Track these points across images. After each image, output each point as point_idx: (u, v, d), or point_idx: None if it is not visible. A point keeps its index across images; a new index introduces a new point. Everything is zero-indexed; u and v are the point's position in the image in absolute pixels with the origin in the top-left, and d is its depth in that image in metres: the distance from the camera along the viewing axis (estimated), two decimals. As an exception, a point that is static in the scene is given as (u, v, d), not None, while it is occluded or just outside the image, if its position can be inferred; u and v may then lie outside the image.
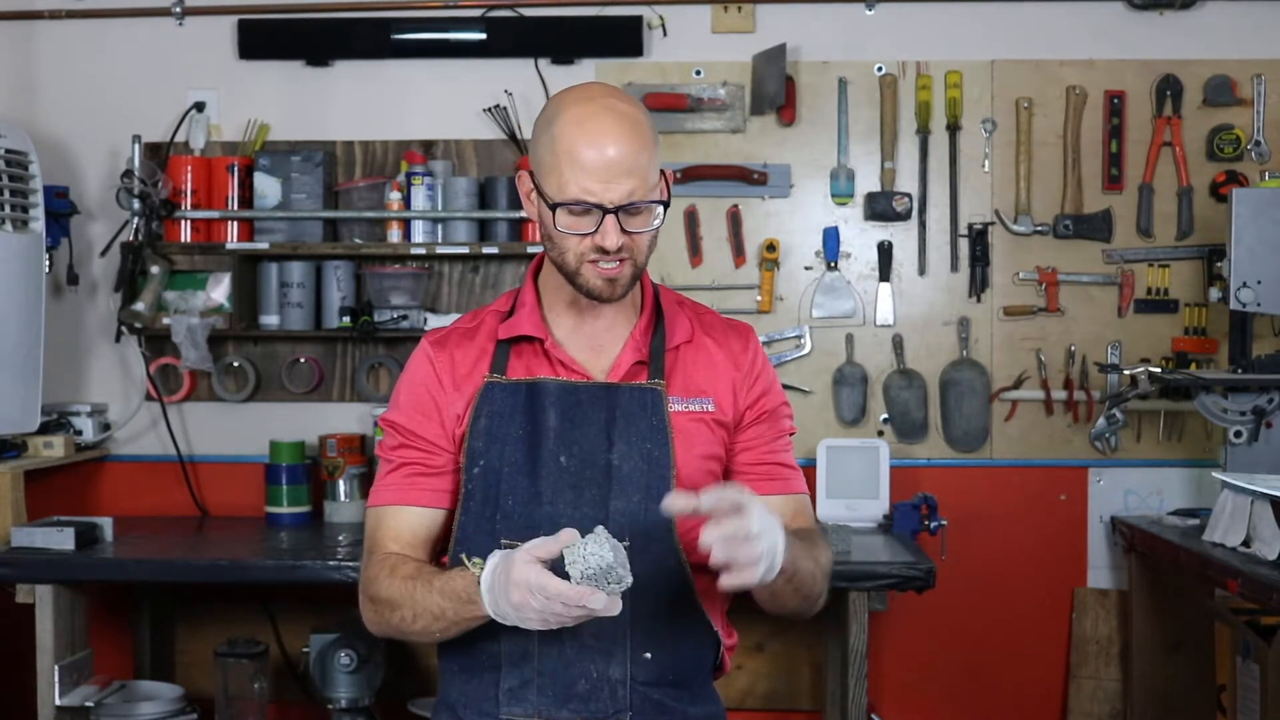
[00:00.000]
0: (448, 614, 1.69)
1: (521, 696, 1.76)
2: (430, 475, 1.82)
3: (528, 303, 1.85)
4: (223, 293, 3.71)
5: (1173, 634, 3.51)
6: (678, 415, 1.80)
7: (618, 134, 1.69)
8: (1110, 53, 3.68)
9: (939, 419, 3.72)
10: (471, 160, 3.77)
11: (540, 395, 1.79)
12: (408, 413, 1.83)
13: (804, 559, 1.73)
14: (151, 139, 3.74)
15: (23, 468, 3.39)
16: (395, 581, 1.74)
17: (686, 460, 1.79)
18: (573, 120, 1.70)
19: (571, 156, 1.69)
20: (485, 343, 1.85)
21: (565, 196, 1.69)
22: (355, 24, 3.74)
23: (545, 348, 1.82)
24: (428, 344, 1.86)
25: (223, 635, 3.58)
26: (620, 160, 1.68)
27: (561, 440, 1.78)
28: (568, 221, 1.71)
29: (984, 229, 3.69)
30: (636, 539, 1.74)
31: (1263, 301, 3.21)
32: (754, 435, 1.86)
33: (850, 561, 3.09)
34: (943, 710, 3.73)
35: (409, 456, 1.82)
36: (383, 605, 1.77)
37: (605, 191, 1.68)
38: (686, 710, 1.81)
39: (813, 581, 1.77)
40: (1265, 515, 2.93)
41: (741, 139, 3.73)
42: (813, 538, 1.82)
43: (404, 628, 1.75)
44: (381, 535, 1.82)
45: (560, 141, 1.70)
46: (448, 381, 1.82)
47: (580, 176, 1.68)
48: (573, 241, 1.72)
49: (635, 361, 1.82)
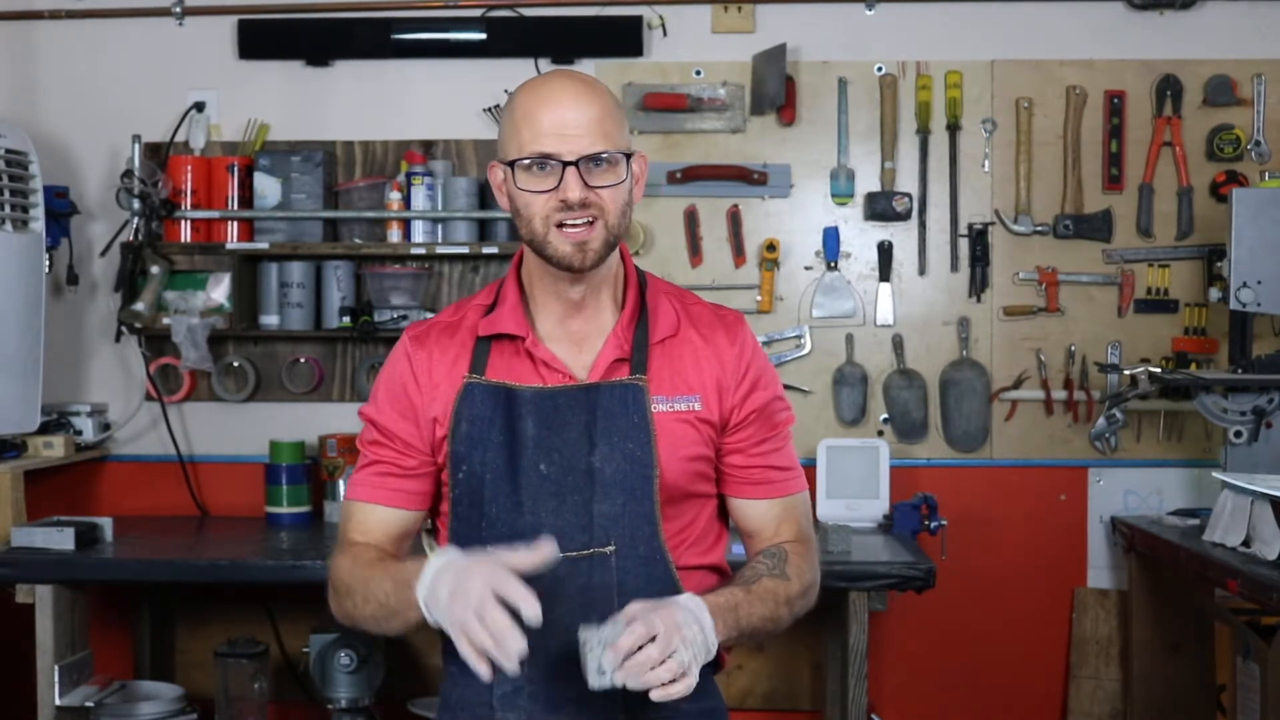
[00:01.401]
0: (390, 600, 1.67)
1: (514, 703, 1.75)
2: (402, 476, 1.81)
3: (509, 298, 1.82)
4: (223, 293, 3.71)
5: (1173, 634, 3.51)
6: (662, 415, 1.76)
7: (574, 93, 1.71)
8: (1110, 53, 3.68)
9: (939, 419, 3.72)
10: (471, 160, 3.77)
11: (516, 403, 1.76)
12: (384, 410, 1.82)
13: (757, 609, 1.71)
14: (151, 139, 3.74)
15: (23, 468, 3.39)
16: (356, 568, 1.75)
17: (671, 463, 1.76)
18: (529, 88, 1.75)
19: (527, 116, 1.70)
20: (466, 338, 1.82)
21: (524, 154, 1.69)
22: (355, 24, 3.75)
23: (526, 345, 1.79)
24: (408, 339, 1.84)
25: (223, 635, 3.58)
26: (576, 117, 1.69)
27: (540, 448, 1.75)
28: (528, 180, 1.70)
29: (984, 229, 3.69)
30: (622, 542, 1.73)
31: (1263, 301, 3.21)
32: (743, 437, 1.82)
33: (850, 561, 3.09)
34: (943, 710, 3.73)
35: (383, 455, 1.81)
36: (340, 592, 1.77)
37: (562, 145, 1.68)
38: (681, 706, 1.77)
39: (773, 623, 1.74)
40: (1265, 515, 2.93)
41: (741, 139, 3.73)
42: (780, 564, 1.77)
43: (354, 614, 1.75)
44: (351, 529, 1.83)
45: (517, 109, 1.73)
46: (425, 382, 1.80)
47: (537, 133, 1.69)
48: (537, 204, 1.70)
49: (616, 358, 1.78)
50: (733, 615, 1.67)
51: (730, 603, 1.68)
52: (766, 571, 1.76)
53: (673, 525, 1.78)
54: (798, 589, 1.78)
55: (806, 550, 1.83)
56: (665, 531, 1.76)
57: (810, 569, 1.82)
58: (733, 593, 1.71)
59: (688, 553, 1.79)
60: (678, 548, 1.77)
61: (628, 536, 1.74)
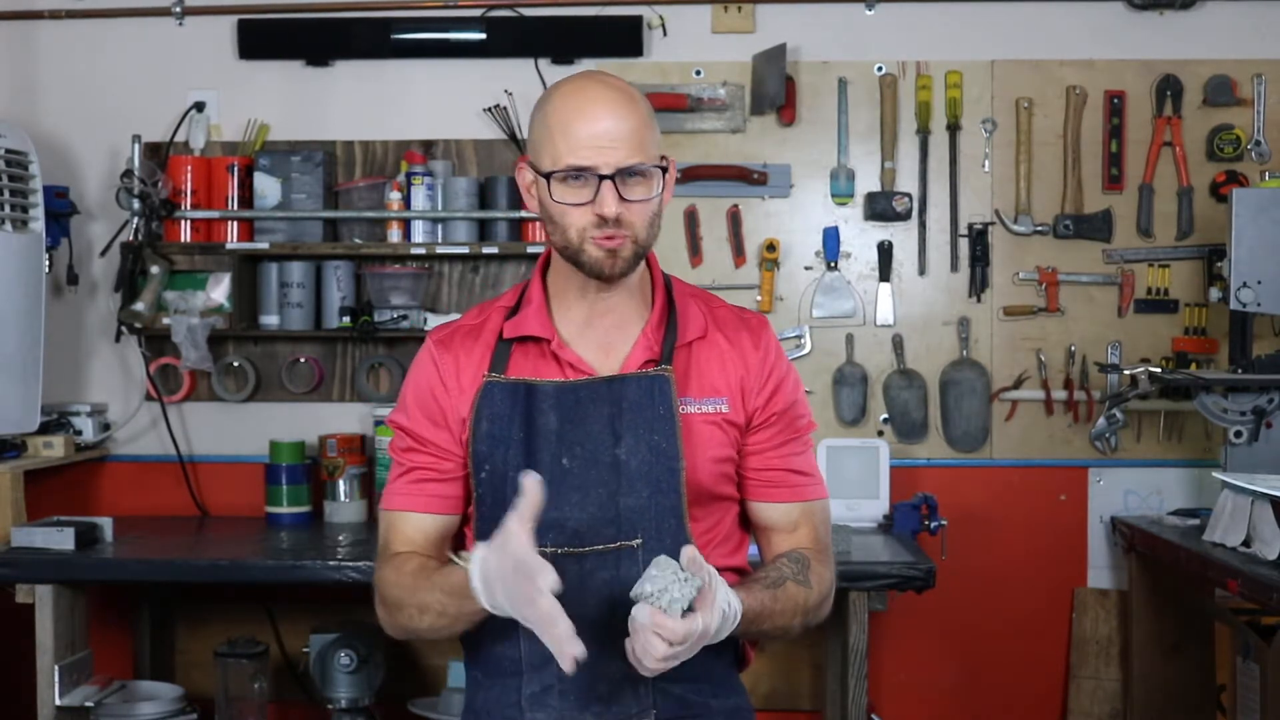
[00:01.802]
0: (449, 610, 1.68)
1: (544, 702, 1.74)
2: (440, 481, 1.80)
3: (534, 300, 1.80)
4: (223, 293, 3.71)
5: (1173, 634, 3.51)
6: (691, 416, 1.76)
7: (610, 103, 1.69)
8: (1110, 53, 3.68)
9: (939, 419, 3.72)
10: (471, 160, 3.78)
11: (538, 398, 1.75)
12: (415, 417, 1.81)
13: (773, 612, 1.71)
14: (151, 139, 3.74)
15: (23, 468, 3.39)
16: (402, 579, 1.74)
17: (699, 464, 1.75)
18: (564, 94, 1.71)
19: (564, 127, 1.68)
20: (490, 340, 1.81)
21: (560, 166, 1.68)
22: (355, 24, 3.74)
23: (552, 348, 1.78)
24: (432, 344, 1.83)
25: (223, 635, 3.58)
26: (613, 128, 1.67)
27: (563, 442, 1.74)
28: (564, 192, 1.69)
29: (984, 229, 3.69)
30: (648, 535, 1.72)
31: (1263, 301, 3.21)
32: (764, 439, 1.81)
33: (850, 561, 3.09)
34: (943, 710, 3.73)
35: (418, 461, 1.80)
36: (391, 606, 1.76)
37: (599, 157, 1.67)
38: (709, 703, 1.79)
39: (787, 623, 1.74)
40: (1265, 515, 2.93)
41: (741, 139, 3.73)
42: (804, 572, 1.77)
43: (411, 626, 1.74)
44: (393, 538, 1.81)
45: (552, 116, 1.70)
46: (453, 385, 1.79)
47: (574, 145, 1.67)
48: (573, 215, 1.69)
49: (647, 360, 1.77)
50: (755, 625, 1.67)
51: (755, 610, 1.67)
52: (791, 576, 1.75)
53: (699, 526, 1.77)
54: (816, 599, 1.78)
55: (825, 558, 1.82)
56: (693, 531, 1.75)
57: (829, 578, 1.81)
58: (762, 599, 1.69)
59: (714, 553, 1.77)
60: (704, 548, 1.75)
61: (654, 530, 1.73)
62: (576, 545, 1.71)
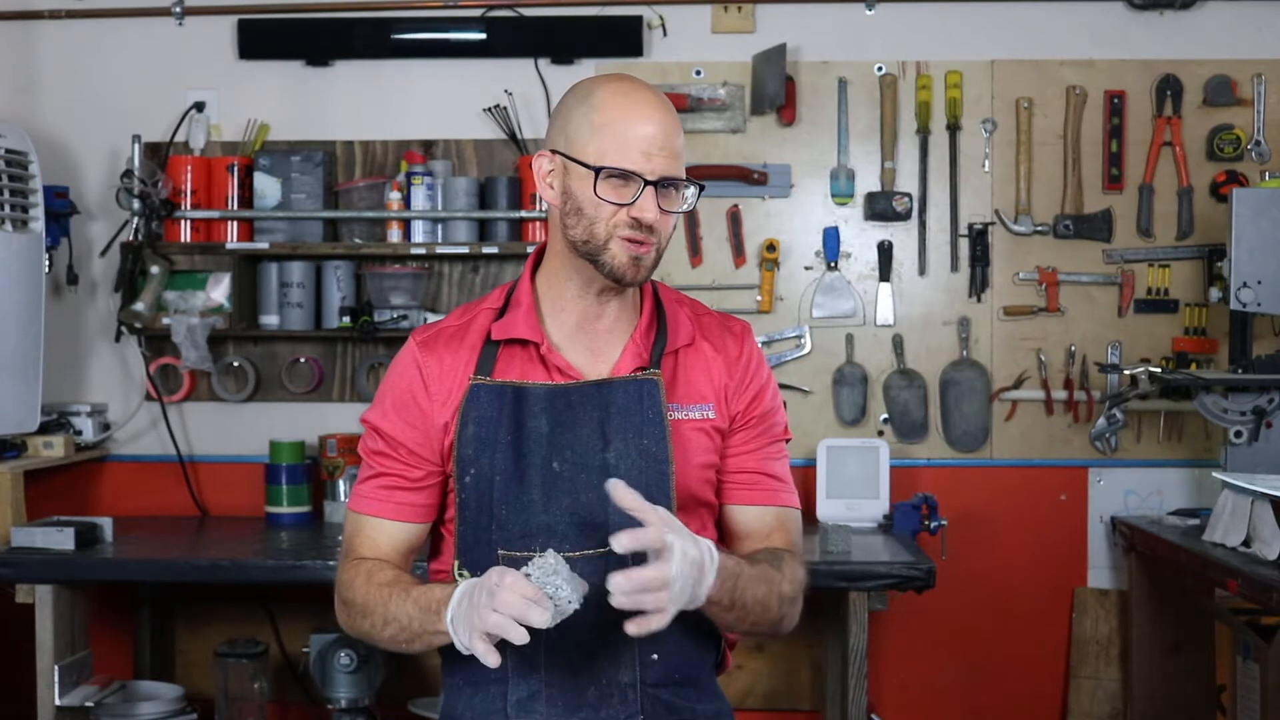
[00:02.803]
0: (413, 625, 1.68)
1: (530, 708, 1.74)
2: (409, 489, 1.79)
3: (523, 303, 1.79)
4: (223, 293, 3.71)
5: (1173, 634, 3.51)
6: (679, 423, 1.76)
7: (660, 110, 1.70)
8: (1110, 53, 3.68)
9: (939, 419, 3.72)
10: (471, 160, 3.78)
11: (529, 401, 1.74)
12: (391, 418, 1.78)
13: (753, 586, 1.69)
14: (151, 139, 3.74)
15: (23, 468, 3.39)
16: (370, 588, 1.73)
17: (686, 469, 1.75)
18: (616, 92, 1.70)
19: (616, 126, 1.67)
20: (476, 342, 1.79)
21: (607, 163, 1.67)
22: (355, 24, 3.74)
23: (541, 352, 1.76)
24: (415, 345, 1.80)
25: (223, 635, 3.58)
26: (661, 136, 1.68)
27: (553, 446, 1.73)
28: (607, 190, 1.68)
29: (984, 229, 3.69)
30: None
31: (1263, 301, 3.21)
32: (743, 441, 1.82)
33: (850, 561, 3.09)
34: (943, 710, 3.73)
35: (389, 466, 1.79)
36: (355, 610, 1.76)
37: (647, 163, 1.67)
38: (695, 708, 1.80)
39: (763, 610, 1.72)
40: (1265, 515, 2.93)
41: (741, 139, 3.73)
42: (778, 561, 1.76)
43: (372, 634, 1.74)
44: (359, 542, 1.80)
45: (601, 112, 1.69)
46: (435, 389, 1.77)
47: (625, 145, 1.67)
48: (607, 211, 1.68)
49: (636, 367, 1.77)
50: (733, 581, 1.66)
51: (736, 568, 1.67)
52: (765, 560, 1.75)
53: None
54: (789, 590, 1.77)
55: (798, 560, 1.82)
56: None
57: (802, 577, 1.81)
58: (738, 561, 1.69)
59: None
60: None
61: None
62: (566, 550, 1.70)
